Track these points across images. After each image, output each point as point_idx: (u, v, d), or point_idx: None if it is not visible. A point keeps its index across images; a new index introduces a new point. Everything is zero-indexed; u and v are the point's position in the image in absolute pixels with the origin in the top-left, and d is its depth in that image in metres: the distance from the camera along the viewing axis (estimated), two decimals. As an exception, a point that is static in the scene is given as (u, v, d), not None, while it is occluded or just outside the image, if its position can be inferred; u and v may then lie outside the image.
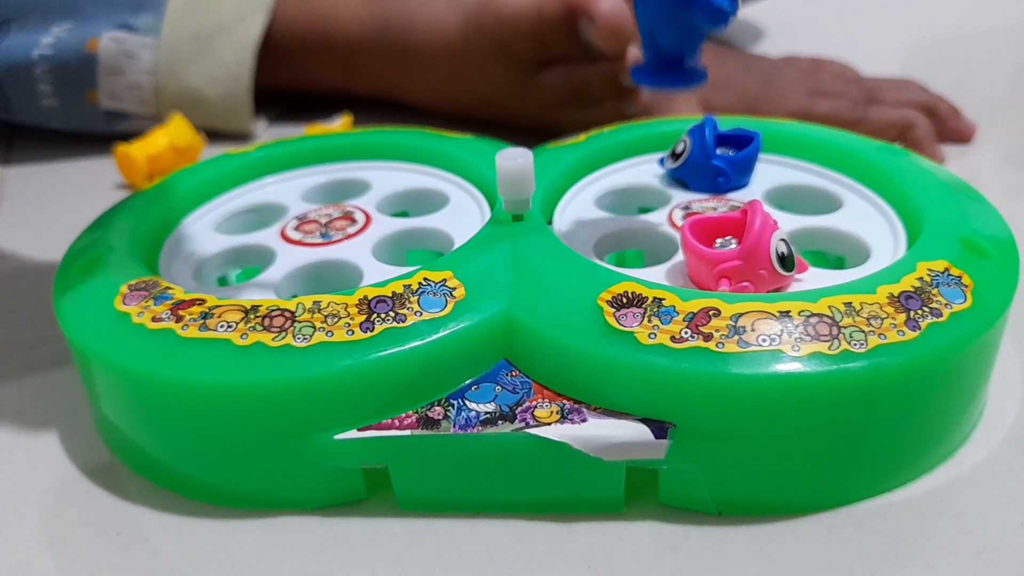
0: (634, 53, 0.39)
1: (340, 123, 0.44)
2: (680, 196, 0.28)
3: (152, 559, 0.21)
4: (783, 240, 0.22)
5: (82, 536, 0.22)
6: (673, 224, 0.26)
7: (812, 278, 0.23)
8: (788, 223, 0.26)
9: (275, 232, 0.28)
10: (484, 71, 0.43)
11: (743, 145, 0.28)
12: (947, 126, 0.42)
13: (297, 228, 0.28)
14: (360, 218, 0.28)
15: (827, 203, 0.28)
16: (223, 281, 0.28)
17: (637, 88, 0.39)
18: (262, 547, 0.21)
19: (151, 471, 0.23)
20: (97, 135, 0.46)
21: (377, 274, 0.24)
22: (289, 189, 0.31)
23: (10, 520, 0.23)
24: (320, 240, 0.27)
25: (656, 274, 0.23)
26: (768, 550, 0.20)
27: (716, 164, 0.27)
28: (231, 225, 0.29)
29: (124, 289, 0.23)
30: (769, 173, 0.29)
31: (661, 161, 0.30)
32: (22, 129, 0.48)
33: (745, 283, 0.22)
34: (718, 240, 0.23)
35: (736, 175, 0.28)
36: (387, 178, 0.31)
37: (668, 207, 0.27)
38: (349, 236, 0.27)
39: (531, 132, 0.42)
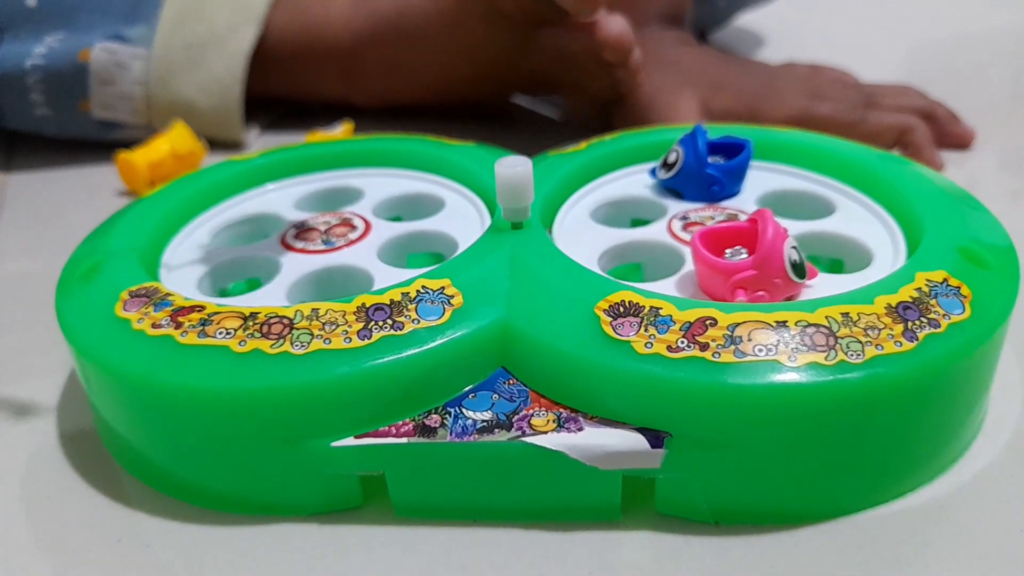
0: (618, 22, 0.38)
1: (341, 130, 0.44)
2: (677, 206, 0.28)
3: (153, 566, 0.21)
4: (794, 247, 0.22)
5: (83, 542, 0.22)
6: (673, 234, 0.26)
7: (823, 284, 0.23)
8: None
9: (275, 241, 0.28)
10: (481, 37, 0.43)
11: (734, 153, 0.28)
12: (946, 131, 0.42)
13: (297, 236, 0.28)
14: (360, 224, 0.28)
15: (821, 208, 0.28)
16: (224, 292, 0.28)
17: (624, 63, 0.39)
18: (263, 554, 0.21)
19: (151, 476, 0.24)
20: (96, 142, 0.46)
21: (387, 277, 0.24)
22: (285, 197, 0.31)
23: (10, 526, 0.23)
24: (323, 247, 0.27)
25: (666, 286, 0.23)
26: (769, 557, 0.20)
27: (710, 172, 0.27)
28: (227, 236, 0.29)
29: (125, 295, 0.24)
30: (765, 180, 0.29)
31: (652, 171, 0.29)
32: (23, 136, 0.48)
33: (761, 292, 0.22)
34: (727, 250, 0.23)
35: (730, 183, 0.28)
36: (381, 184, 0.31)
37: (666, 217, 0.27)
38: (352, 242, 0.27)
39: (536, 96, 0.43)
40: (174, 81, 0.45)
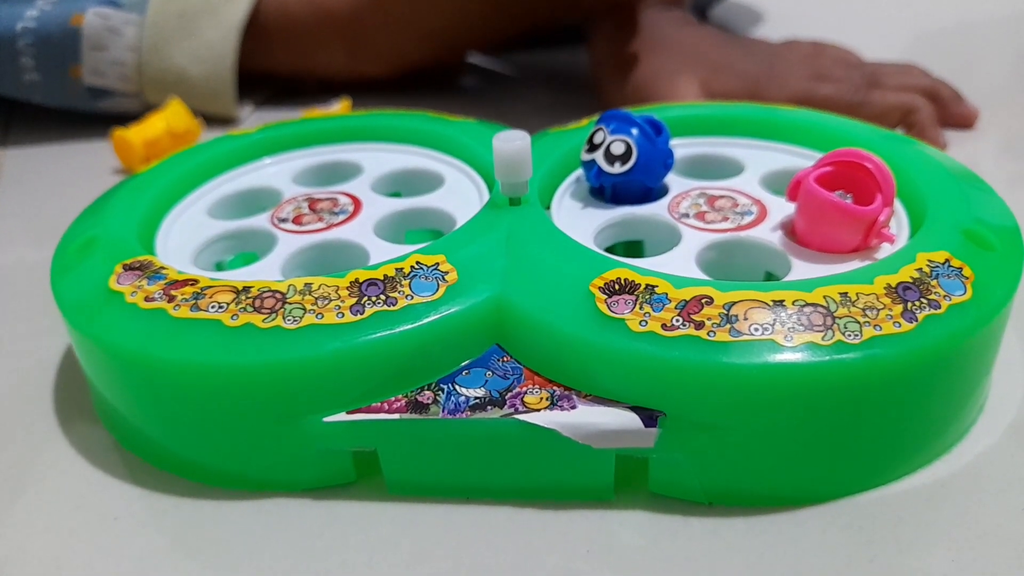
0: None
1: (338, 107, 0.43)
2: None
3: (150, 544, 0.21)
4: None
5: (80, 521, 0.22)
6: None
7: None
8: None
9: (270, 217, 0.27)
10: None
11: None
12: (949, 111, 0.42)
13: (293, 212, 0.27)
14: (351, 201, 0.28)
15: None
16: (220, 266, 0.28)
17: None
18: (260, 532, 0.21)
19: (146, 451, 0.23)
20: (84, 113, 0.46)
21: (383, 253, 0.24)
22: (283, 172, 0.30)
23: (7, 504, 0.23)
24: (321, 225, 0.26)
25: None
26: (767, 536, 0.20)
27: (664, 148, 0.26)
28: (224, 210, 0.29)
29: (118, 269, 0.23)
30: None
31: (594, 175, 0.26)
32: (18, 114, 0.48)
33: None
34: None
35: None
36: (380, 159, 0.31)
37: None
38: (348, 218, 0.27)
39: (556, 21, 0.43)
40: (166, 48, 0.44)
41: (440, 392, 0.21)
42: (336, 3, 0.45)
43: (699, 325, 0.20)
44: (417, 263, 0.22)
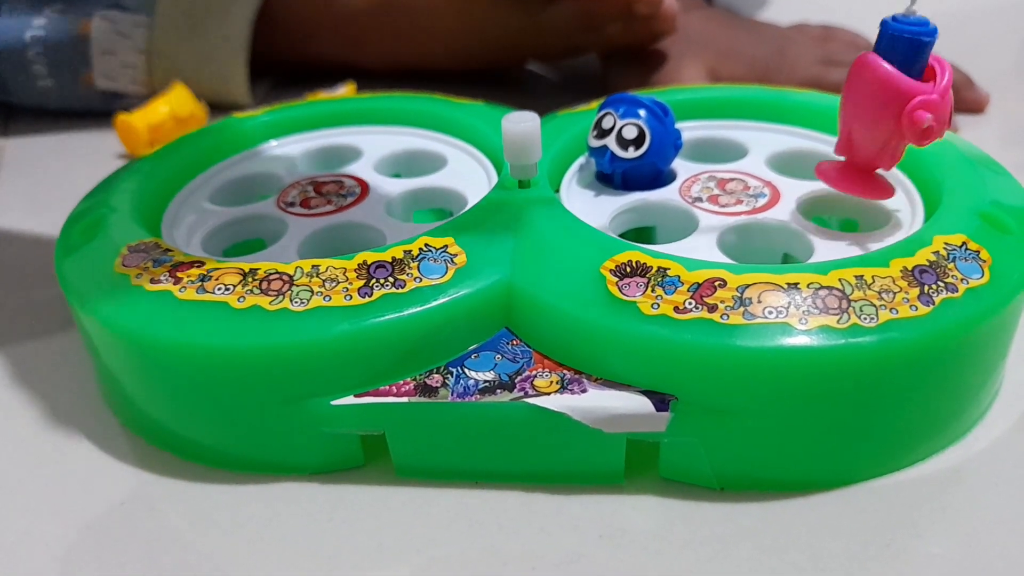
0: None
1: (344, 91, 0.43)
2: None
3: (158, 529, 0.21)
4: None
5: (85, 505, 0.22)
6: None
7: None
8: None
9: (276, 201, 0.27)
10: (493, 14, 0.42)
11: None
12: (960, 96, 0.41)
13: (300, 196, 0.27)
14: (361, 183, 0.27)
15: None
16: (226, 253, 0.27)
17: (656, 12, 0.39)
18: (270, 515, 0.21)
19: (151, 433, 0.23)
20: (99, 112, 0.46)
21: (397, 233, 0.24)
22: (283, 156, 0.30)
23: (12, 489, 0.22)
24: (330, 208, 0.26)
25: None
26: (782, 520, 0.20)
27: (673, 129, 0.26)
28: (226, 196, 0.29)
29: (124, 250, 0.23)
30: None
31: (608, 162, 0.25)
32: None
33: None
34: None
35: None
36: (382, 142, 0.30)
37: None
38: (357, 200, 0.26)
39: (559, 62, 0.43)
40: (176, 49, 0.44)
41: (449, 375, 0.21)
42: (340, 11, 0.45)
43: (712, 308, 0.19)
44: (426, 245, 0.22)
